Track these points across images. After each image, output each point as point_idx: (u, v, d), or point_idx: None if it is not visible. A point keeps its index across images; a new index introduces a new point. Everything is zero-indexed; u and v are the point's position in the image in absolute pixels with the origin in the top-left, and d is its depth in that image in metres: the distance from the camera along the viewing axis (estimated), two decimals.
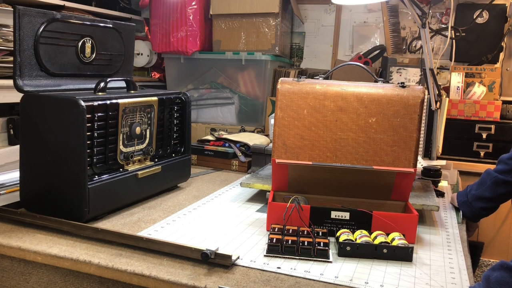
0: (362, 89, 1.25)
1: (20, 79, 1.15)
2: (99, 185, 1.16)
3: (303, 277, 0.92)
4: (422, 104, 1.24)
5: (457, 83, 2.21)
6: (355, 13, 2.63)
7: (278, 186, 1.24)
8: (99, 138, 1.18)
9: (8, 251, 1.04)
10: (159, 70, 2.79)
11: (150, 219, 1.22)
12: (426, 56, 1.56)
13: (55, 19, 1.22)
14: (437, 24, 2.47)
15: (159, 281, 0.91)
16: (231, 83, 2.48)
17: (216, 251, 0.95)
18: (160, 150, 1.44)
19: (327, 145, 1.23)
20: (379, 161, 1.23)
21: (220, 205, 1.37)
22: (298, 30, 2.76)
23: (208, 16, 2.53)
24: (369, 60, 2.48)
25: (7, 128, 1.92)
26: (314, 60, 2.75)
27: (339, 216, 1.13)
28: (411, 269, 0.98)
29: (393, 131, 1.22)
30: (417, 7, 1.47)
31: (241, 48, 2.49)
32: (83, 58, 1.33)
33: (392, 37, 2.42)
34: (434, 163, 1.73)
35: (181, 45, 2.45)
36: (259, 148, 1.78)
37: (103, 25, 1.38)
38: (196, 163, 1.90)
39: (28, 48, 1.16)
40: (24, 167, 1.17)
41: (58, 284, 1.03)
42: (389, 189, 1.20)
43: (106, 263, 0.96)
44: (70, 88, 1.28)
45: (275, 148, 1.28)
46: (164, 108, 1.43)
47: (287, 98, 1.26)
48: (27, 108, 1.15)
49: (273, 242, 1.02)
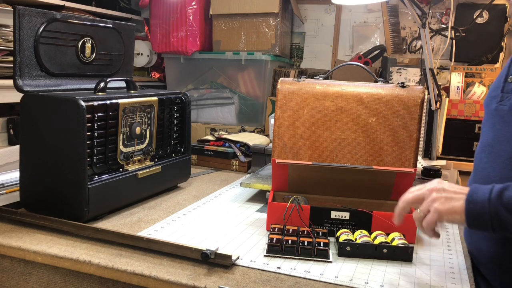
0: (362, 89, 1.25)
1: (20, 79, 1.15)
2: (99, 185, 1.16)
3: (303, 277, 0.92)
4: (422, 104, 1.24)
5: (457, 83, 2.21)
6: (355, 13, 2.63)
7: (278, 186, 1.24)
8: (99, 138, 1.18)
9: (8, 251, 1.04)
10: (159, 70, 2.79)
11: (150, 219, 1.22)
12: (426, 56, 1.56)
13: (55, 19, 1.22)
14: (437, 24, 2.47)
15: (159, 281, 0.91)
16: (231, 83, 2.48)
17: (216, 251, 0.95)
18: (160, 150, 1.44)
19: (327, 145, 1.23)
20: (379, 161, 1.23)
21: (220, 205, 1.37)
22: (298, 30, 2.76)
23: (208, 16, 2.53)
24: (369, 60, 2.48)
25: (7, 128, 1.92)
26: (314, 60, 2.75)
27: (339, 216, 1.13)
28: (411, 269, 0.98)
29: (393, 131, 1.22)
30: (417, 7, 1.47)
31: (241, 48, 2.49)
32: (83, 58, 1.33)
33: (392, 37, 2.42)
34: (434, 163, 1.73)
35: (181, 45, 2.45)
36: (259, 148, 1.78)
37: (103, 25, 1.38)
38: (196, 163, 1.90)
39: (28, 48, 1.16)
40: (24, 167, 1.17)
41: (58, 284, 1.03)
42: (389, 189, 1.19)
43: (106, 263, 0.95)
44: (70, 88, 1.28)
45: (275, 148, 1.28)
46: (164, 108, 1.43)
47: (287, 98, 1.26)
48: (27, 108, 1.15)
49: (273, 242, 1.02)
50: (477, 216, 0.83)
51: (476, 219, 0.84)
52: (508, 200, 0.81)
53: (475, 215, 0.84)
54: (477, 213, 0.83)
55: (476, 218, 0.84)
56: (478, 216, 0.83)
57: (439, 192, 0.88)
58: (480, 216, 0.83)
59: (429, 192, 0.89)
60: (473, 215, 0.84)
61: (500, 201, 0.82)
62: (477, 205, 0.83)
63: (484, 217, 0.83)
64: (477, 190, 0.86)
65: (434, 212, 0.86)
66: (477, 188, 0.86)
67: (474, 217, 0.84)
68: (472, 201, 0.84)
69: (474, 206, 0.84)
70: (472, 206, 0.84)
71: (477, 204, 0.84)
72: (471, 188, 0.87)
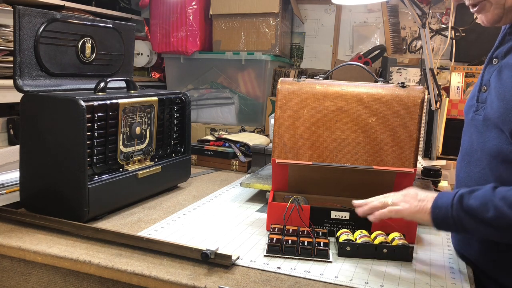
0: (362, 89, 1.25)
1: (20, 79, 1.15)
2: (99, 185, 1.16)
3: (303, 277, 0.92)
4: (422, 104, 1.24)
5: (457, 83, 2.20)
6: (355, 13, 2.63)
7: (278, 186, 1.24)
8: (99, 138, 1.18)
9: (8, 251, 1.04)
10: (159, 70, 2.79)
11: (150, 219, 1.22)
12: (426, 56, 1.56)
13: (55, 19, 1.22)
14: (437, 24, 2.47)
15: (159, 281, 0.91)
16: (231, 83, 2.48)
17: (216, 251, 0.95)
18: (160, 150, 1.44)
19: (327, 145, 1.23)
20: (379, 161, 1.23)
21: (220, 205, 1.37)
22: (298, 30, 2.76)
23: (208, 16, 2.53)
24: (369, 60, 2.48)
25: (7, 128, 1.92)
26: (314, 60, 2.75)
27: (339, 216, 1.13)
28: (411, 269, 0.98)
29: (393, 131, 1.22)
30: (417, 7, 1.47)
31: (241, 48, 2.49)
32: (83, 58, 1.33)
33: (392, 37, 2.42)
34: (434, 163, 1.73)
35: (181, 45, 2.45)
36: (259, 148, 1.78)
37: (103, 25, 1.38)
38: (196, 163, 1.90)
39: (28, 48, 1.16)
40: (24, 167, 1.17)
41: (58, 284, 1.03)
42: (389, 189, 1.19)
43: (106, 263, 0.95)
44: (70, 88, 1.28)
45: (275, 148, 1.28)
46: (164, 108, 1.43)
47: (287, 98, 1.26)
48: (27, 108, 1.15)
49: (273, 242, 1.02)
50: (442, 220, 0.92)
51: (441, 223, 0.92)
52: (468, 205, 0.88)
53: (440, 218, 0.92)
54: (442, 217, 0.92)
55: (441, 221, 0.92)
56: (442, 220, 0.92)
57: (411, 197, 0.98)
58: (444, 220, 0.91)
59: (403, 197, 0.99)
60: (438, 218, 0.92)
61: (460, 206, 0.89)
62: (441, 210, 0.92)
63: (448, 221, 0.91)
64: (442, 195, 0.94)
65: (397, 213, 0.97)
66: (442, 194, 0.95)
67: (439, 220, 0.92)
68: (437, 207, 0.92)
69: (439, 211, 0.92)
70: (437, 211, 0.92)
71: (441, 209, 0.92)
72: (438, 194, 0.95)
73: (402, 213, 0.96)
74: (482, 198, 0.87)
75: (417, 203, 0.95)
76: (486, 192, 0.88)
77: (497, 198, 0.85)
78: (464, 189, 0.92)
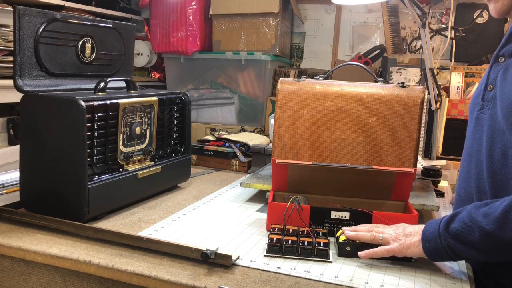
0: (362, 89, 1.25)
1: (20, 79, 1.15)
2: (99, 185, 1.16)
3: (303, 277, 0.92)
4: (422, 104, 1.24)
5: (457, 83, 2.21)
6: (355, 13, 2.63)
7: (278, 186, 1.24)
8: (99, 138, 1.18)
9: (8, 251, 1.04)
10: (159, 70, 2.79)
11: (150, 219, 1.22)
12: (426, 56, 1.56)
13: (55, 19, 1.22)
14: (437, 24, 2.47)
15: (159, 281, 0.91)
16: (231, 83, 2.48)
17: (216, 251, 0.95)
18: (160, 150, 1.44)
19: (327, 145, 1.23)
20: (379, 161, 1.23)
21: (220, 205, 1.37)
22: (298, 30, 2.76)
23: (208, 16, 2.53)
24: (369, 60, 2.48)
25: (7, 128, 1.92)
26: (314, 60, 2.75)
27: (339, 216, 1.13)
28: (411, 269, 0.98)
29: (393, 131, 1.22)
30: (417, 7, 1.47)
31: (241, 48, 2.49)
32: (83, 58, 1.33)
33: (392, 37, 2.42)
34: (434, 163, 1.73)
35: (181, 45, 2.45)
36: (259, 148, 1.78)
37: (103, 25, 1.38)
38: (196, 163, 1.90)
39: (28, 48, 1.16)
40: (24, 167, 1.17)
41: (58, 284, 1.03)
42: (389, 189, 1.19)
43: (106, 263, 0.96)
44: (70, 88, 1.28)
45: (275, 148, 1.28)
46: (164, 108, 1.43)
47: (287, 98, 1.26)
48: (27, 108, 1.15)
49: (273, 242, 1.02)
50: (433, 251, 0.91)
51: (434, 256, 0.92)
52: (455, 232, 0.88)
53: (431, 251, 0.92)
54: (433, 249, 0.91)
55: (434, 254, 0.92)
56: (434, 252, 0.91)
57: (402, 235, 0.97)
58: (436, 251, 0.91)
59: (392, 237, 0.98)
60: (430, 251, 0.92)
61: (447, 234, 0.89)
62: (431, 243, 0.91)
63: (440, 252, 0.90)
64: (430, 226, 0.93)
65: (388, 252, 0.96)
66: (429, 224, 0.94)
67: (431, 252, 0.92)
68: (427, 240, 0.92)
69: (429, 244, 0.92)
70: (427, 245, 0.92)
71: (431, 241, 0.91)
72: (425, 225, 0.95)
73: (394, 251, 0.96)
74: (464, 220, 0.87)
75: (405, 239, 0.95)
76: (468, 213, 0.88)
77: (480, 217, 0.85)
78: (447, 215, 0.92)
